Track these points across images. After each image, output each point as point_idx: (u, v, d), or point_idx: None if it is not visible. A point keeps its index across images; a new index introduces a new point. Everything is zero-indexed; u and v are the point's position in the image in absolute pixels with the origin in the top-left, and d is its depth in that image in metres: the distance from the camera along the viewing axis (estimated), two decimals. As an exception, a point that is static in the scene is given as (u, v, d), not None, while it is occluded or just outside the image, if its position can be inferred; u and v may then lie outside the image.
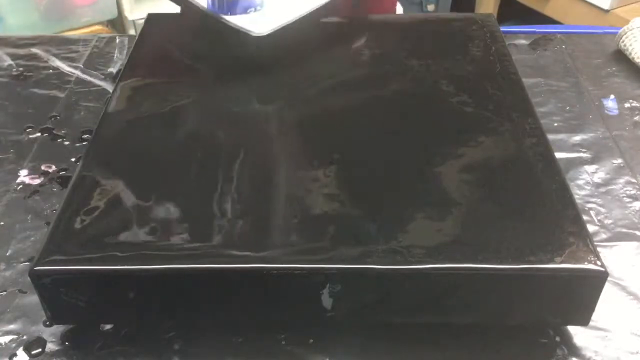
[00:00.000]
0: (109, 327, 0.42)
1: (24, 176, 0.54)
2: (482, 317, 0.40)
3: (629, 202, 0.51)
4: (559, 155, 0.47)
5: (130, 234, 0.39)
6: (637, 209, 0.50)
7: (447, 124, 0.48)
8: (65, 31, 1.43)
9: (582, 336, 0.41)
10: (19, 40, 0.71)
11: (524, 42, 0.70)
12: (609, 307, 0.43)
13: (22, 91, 0.64)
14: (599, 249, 0.39)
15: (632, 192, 0.52)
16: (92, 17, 1.49)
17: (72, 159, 0.55)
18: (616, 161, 0.55)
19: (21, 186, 0.53)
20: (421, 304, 0.39)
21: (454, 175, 0.43)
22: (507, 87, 0.51)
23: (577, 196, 0.49)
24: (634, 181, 0.53)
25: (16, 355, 0.41)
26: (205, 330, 0.42)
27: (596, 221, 0.49)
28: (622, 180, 0.53)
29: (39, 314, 0.42)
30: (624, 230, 0.49)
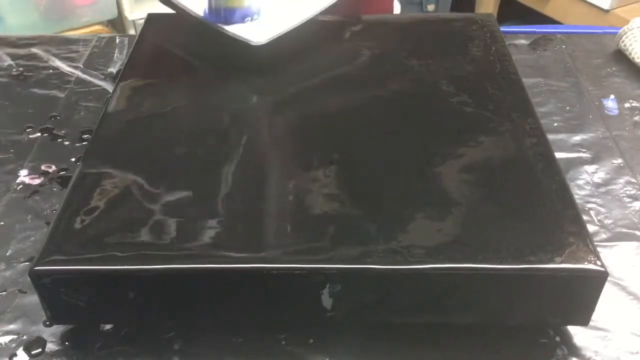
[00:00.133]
0: (109, 327, 0.42)
1: (24, 176, 0.54)
2: (482, 317, 0.40)
3: (629, 202, 0.51)
4: (559, 155, 0.47)
5: (130, 234, 0.39)
6: (637, 209, 0.50)
7: (447, 124, 0.48)
8: (65, 31, 1.43)
9: (582, 336, 0.41)
10: (19, 40, 0.71)
11: (524, 42, 0.70)
12: (609, 307, 0.43)
13: (22, 91, 0.64)
14: (599, 249, 0.39)
15: (632, 192, 0.52)
16: (92, 17, 1.50)
17: (72, 159, 0.55)
18: (616, 161, 0.55)
19: (21, 186, 0.53)
20: (421, 304, 0.39)
21: (454, 175, 0.43)
22: (507, 87, 0.51)
23: (577, 196, 0.49)
24: (634, 181, 0.53)
25: (16, 355, 0.41)
26: (205, 330, 0.42)
27: (596, 221, 0.49)
28: (622, 180, 0.53)
29: (39, 314, 0.42)
30: (624, 230, 0.49)
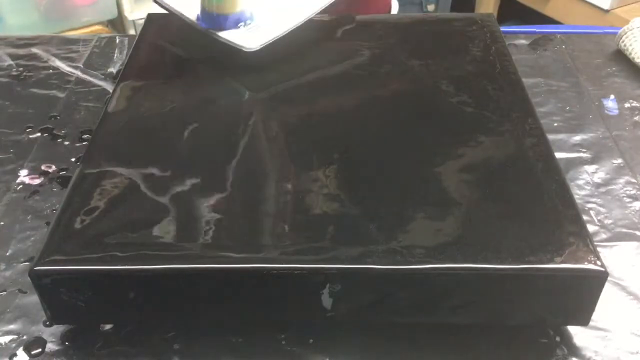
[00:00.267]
0: (109, 327, 0.42)
1: (24, 176, 0.54)
2: (482, 317, 0.40)
3: (629, 202, 0.51)
4: (559, 155, 0.47)
5: (130, 234, 0.39)
6: (637, 209, 0.50)
7: (447, 124, 0.48)
8: (65, 31, 1.43)
9: (582, 336, 0.41)
10: (19, 40, 0.71)
11: (524, 42, 0.70)
12: (609, 307, 0.43)
13: (22, 91, 0.64)
14: (599, 249, 0.39)
15: (632, 192, 0.52)
16: (92, 17, 1.49)
17: (72, 159, 0.55)
18: (616, 161, 0.55)
19: (21, 186, 0.53)
20: (421, 304, 0.39)
21: (454, 175, 0.43)
22: (507, 87, 0.51)
23: (577, 196, 0.49)
24: (634, 181, 0.53)
25: (16, 355, 0.41)
26: (205, 330, 0.42)
27: (596, 221, 0.49)
28: (622, 180, 0.53)
29: (39, 314, 0.42)
30: (624, 230, 0.49)
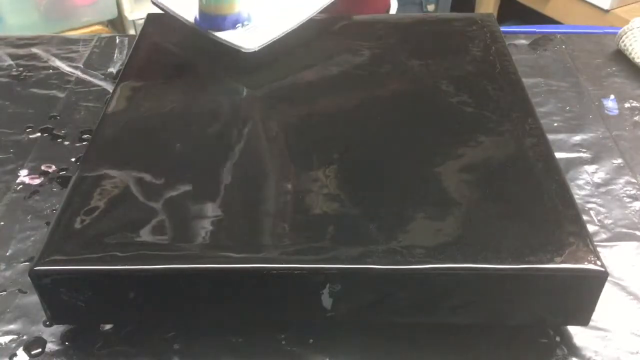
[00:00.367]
0: (109, 327, 0.42)
1: (24, 176, 0.54)
2: (482, 317, 0.40)
3: (629, 202, 0.51)
4: (559, 155, 0.47)
5: (130, 234, 0.39)
6: (637, 209, 0.50)
7: (447, 124, 0.48)
8: (65, 31, 1.43)
9: (582, 336, 0.41)
10: (19, 40, 0.71)
11: (524, 42, 0.70)
12: (609, 307, 0.43)
13: (22, 91, 0.64)
14: (599, 249, 0.39)
15: (632, 192, 0.52)
16: (92, 17, 1.49)
17: (72, 159, 0.55)
18: (616, 161, 0.55)
19: (21, 186, 0.53)
20: (421, 304, 0.39)
21: (454, 175, 0.43)
22: (507, 87, 0.51)
23: (577, 196, 0.49)
24: (634, 181, 0.53)
25: (16, 355, 0.41)
26: (205, 330, 0.42)
27: (596, 221, 0.49)
28: (622, 180, 0.53)
29: (39, 314, 0.42)
30: (624, 230, 0.49)
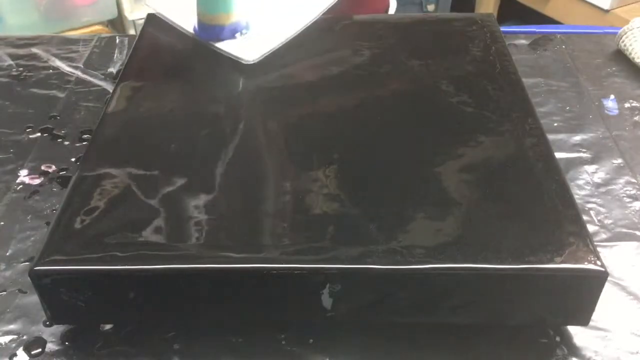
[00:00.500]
0: (109, 327, 0.42)
1: (24, 176, 0.54)
2: (482, 317, 0.40)
3: (629, 202, 0.51)
4: (559, 155, 0.47)
5: (130, 234, 0.39)
6: (637, 209, 0.50)
7: (447, 124, 0.48)
8: (65, 31, 1.43)
9: (582, 336, 0.41)
10: (19, 40, 0.71)
11: (524, 42, 0.70)
12: (609, 307, 0.43)
13: (22, 91, 0.64)
14: (599, 249, 0.39)
15: (632, 192, 0.52)
16: (92, 17, 1.49)
17: (72, 159, 0.55)
18: (616, 161, 0.55)
19: (21, 186, 0.53)
20: (421, 304, 0.39)
21: (454, 175, 0.43)
22: (507, 87, 0.51)
23: (577, 196, 0.49)
24: (634, 181, 0.53)
25: (16, 355, 0.41)
26: (205, 330, 0.42)
27: (596, 221, 0.49)
28: (622, 180, 0.53)
29: (39, 314, 0.42)
30: (624, 230, 0.49)
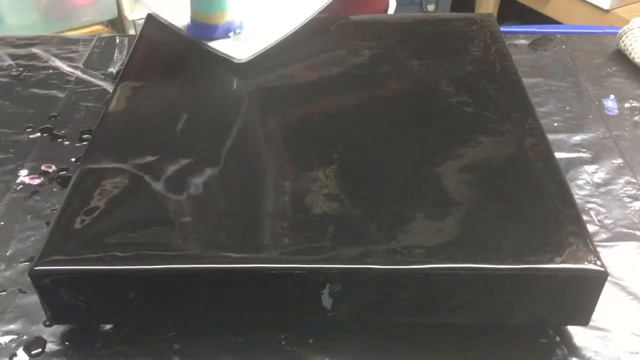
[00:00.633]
0: (109, 327, 0.42)
1: (24, 176, 0.54)
2: (482, 317, 0.40)
3: (629, 202, 0.51)
4: (559, 155, 0.47)
5: (130, 234, 0.39)
6: (637, 209, 0.50)
7: (447, 124, 0.48)
8: (65, 31, 1.43)
9: (582, 336, 0.41)
10: (19, 40, 0.71)
11: (524, 42, 0.70)
12: (609, 307, 0.43)
13: (22, 91, 0.64)
14: (599, 249, 0.39)
15: (632, 192, 0.52)
16: (92, 17, 1.49)
17: (72, 159, 0.55)
18: (616, 161, 0.55)
19: (21, 186, 0.53)
20: (421, 304, 0.39)
21: (454, 175, 0.43)
22: (507, 87, 0.51)
23: (577, 196, 0.49)
24: (634, 181, 0.53)
25: (16, 355, 0.41)
26: (205, 330, 0.42)
27: (596, 221, 0.49)
28: (622, 180, 0.53)
29: (39, 314, 0.42)
30: (624, 230, 0.49)
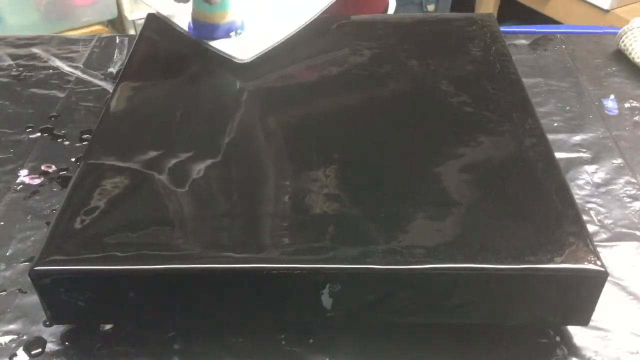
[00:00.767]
0: (109, 327, 0.42)
1: (24, 176, 0.54)
2: (482, 317, 0.40)
3: (629, 202, 0.51)
4: (559, 155, 0.47)
5: (130, 234, 0.39)
6: (637, 209, 0.50)
7: (447, 124, 0.48)
8: (65, 31, 1.43)
9: (582, 336, 0.42)
10: (19, 40, 0.71)
11: (524, 42, 0.70)
12: (609, 307, 0.43)
13: (22, 91, 0.64)
14: (599, 249, 0.39)
15: (632, 192, 0.52)
16: (92, 17, 1.49)
17: (72, 159, 0.55)
18: (616, 161, 0.55)
19: (21, 186, 0.53)
20: (421, 304, 0.39)
21: (454, 175, 0.43)
22: (507, 87, 0.51)
23: (577, 196, 0.49)
24: (634, 181, 0.53)
25: (16, 355, 0.41)
26: (205, 330, 0.42)
27: (596, 221, 0.49)
28: (622, 180, 0.53)
29: (39, 314, 0.42)
30: (624, 230, 0.49)
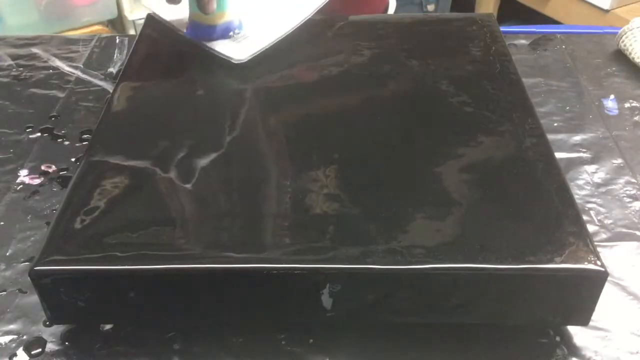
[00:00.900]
0: (109, 327, 0.42)
1: (24, 176, 0.54)
2: (482, 317, 0.40)
3: (629, 202, 0.51)
4: (559, 155, 0.47)
5: (130, 234, 0.39)
6: (637, 209, 0.50)
7: (447, 124, 0.48)
8: (65, 31, 1.43)
9: (582, 336, 0.42)
10: (19, 40, 0.71)
11: (524, 42, 0.70)
12: (609, 307, 0.43)
13: (22, 91, 0.64)
14: (599, 249, 0.39)
15: (632, 192, 0.52)
16: (92, 17, 1.50)
17: (72, 159, 0.55)
18: (616, 161, 0.55)
19: (21, 186, 0.53)
20: (421, 304, 0.39)
21: (454, 175, 0.43)
22: (507, 87, 0.51)
23: (577, 196, 0.49)
24: (634, 181, 0.53)
25: (16, 355, 0.41)
26: (205, 330, 0.42)
27: (596, 221, 0.49)
28: (622, 180, 0.53)
29: (39, 314, 0.42)
30: (624, 230, 0.49)
